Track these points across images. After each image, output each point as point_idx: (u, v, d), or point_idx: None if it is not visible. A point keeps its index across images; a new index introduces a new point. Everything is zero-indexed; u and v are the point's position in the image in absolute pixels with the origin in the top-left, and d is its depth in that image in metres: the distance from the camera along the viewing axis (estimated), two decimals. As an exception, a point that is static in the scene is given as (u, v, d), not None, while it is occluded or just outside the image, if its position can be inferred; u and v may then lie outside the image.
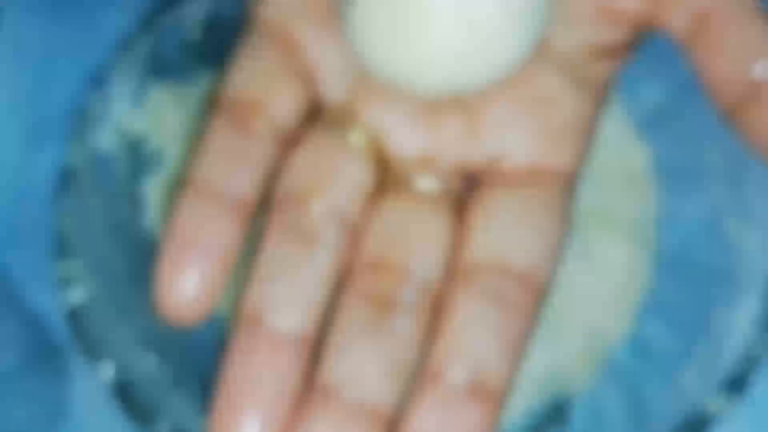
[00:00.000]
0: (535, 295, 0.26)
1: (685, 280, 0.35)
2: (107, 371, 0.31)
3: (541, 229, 0.26)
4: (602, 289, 0.36)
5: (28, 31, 0.48)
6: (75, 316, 0.31)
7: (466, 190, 0.28)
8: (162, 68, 0.37)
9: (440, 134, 0.28)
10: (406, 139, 0.28)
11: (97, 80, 0.41)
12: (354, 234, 0.27)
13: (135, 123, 0.37)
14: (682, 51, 0.27)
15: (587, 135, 0.28)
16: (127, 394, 0.31)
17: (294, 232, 0.26)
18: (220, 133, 0.27)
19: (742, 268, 0.33)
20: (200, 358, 0.36)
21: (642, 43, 0.29)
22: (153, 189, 0.37)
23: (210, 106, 0.28)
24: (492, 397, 0.24)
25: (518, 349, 0.25)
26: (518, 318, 0.25)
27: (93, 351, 0.31)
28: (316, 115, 0.28)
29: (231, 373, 0.25)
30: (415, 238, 0.26)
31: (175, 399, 0.32)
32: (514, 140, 0.27)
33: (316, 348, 0.25)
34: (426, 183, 0.27)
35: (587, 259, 0.35)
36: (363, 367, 0.25)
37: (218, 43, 0.39)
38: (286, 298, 0.25)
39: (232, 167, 0.26)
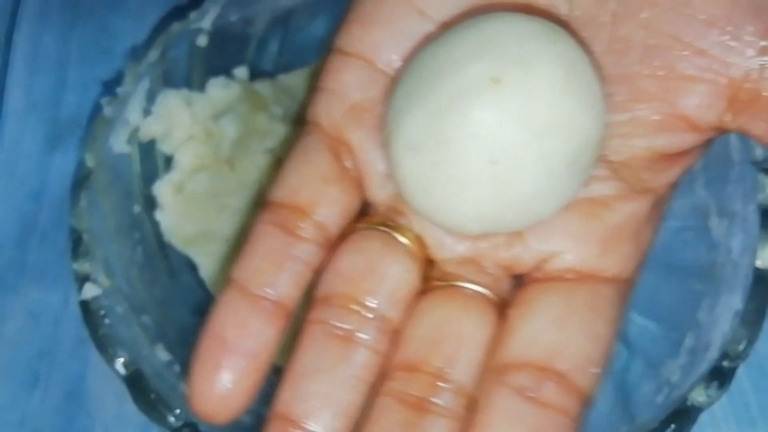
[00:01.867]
0: (577, 397, 0.25)
1: (671, 277, 0.36)
2: (120, 363, 0.31)
3: (586, 330, 0.25)
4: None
5: (44, 38, 0.49)
6: (90, 311, 0.32)
7: (513, 291, 0.27)
8: (172, 75, 0.38)
9: (486, 238, 0.27)
10: (451, 241, 0.27)
11: (111, 86, 0.41)
12: (394, 335, 0.26)
13: (147, 127, 0.37)
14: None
15: (643, 239, 0.27)
16: (139, 386, 0.31)
17: (333, 332, 0.26)
18: (267, 236, 0.27)
19: (725, 265, 0.33)
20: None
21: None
22: (164, 190, 0.38)
23: (259, 207, 0.28)
24: None
25: None
26: (557, 419, 0.24)
27: (107, 344, 0.31)
28: (364, 211, 0.28)
29: None
30: (454, 340, 0.26)
31: (184, 390, 0.30)
32: (562, 243, 0.26)
33: None
34: (470, 284, 0.27)
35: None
36: None
37: (225, 52, 0.40)
38: (321, 399, 0.25)
39: (275, 271, 0.26)
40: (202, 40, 0.39)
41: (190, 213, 0.38)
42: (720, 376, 0.30)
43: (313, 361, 0.26)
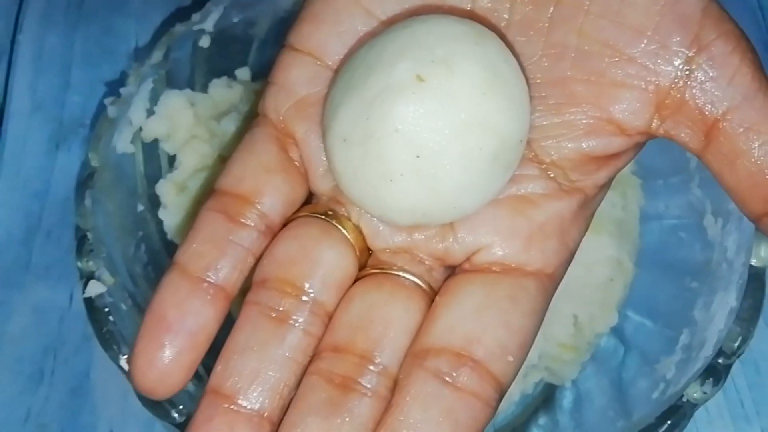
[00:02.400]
0: (491, 383, 0.25)
1: (667, 275, 0.36)
2: (124, 360, 0.31)
3: (503, 321, 0.26)
4: (590, 282, 0.37)
5: (49, 39, 0.49)
6: (94, 308, 0.32)
7: (445, 281, 0.28)
8: (175, 75, 0.38)
9: (420, 230, 0.28)
10: (388, 232, 0.28)
11: (115, 86, 0.42)
12: (327, 319, 0.27)
13: (150, 127, 0.37)
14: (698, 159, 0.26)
15: (569, 237, 0.28)
16: None
17: (268, 313, 0.26)
18: (211, 222, 0.27)
19: (720, 263, 0.33)
20: (210, 350, 0.37)
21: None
22: (168, 189, 0.37)
23: (207, 194, 0.28)
24: None
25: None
26: (472, 403, 0.25)
27: (111, 341, 0.31)
28: (309, 201, 0.29)
29: None
30: (381, 324, 0.26)
31: (188, 386, 0.30)
32: (491, 237, 0.27)
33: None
34: (402, 272, 0.27)
35: (577, 255, 0.36)
36: None
37: (227, 53, 0.40)
38: (251, 376, 0.25)
39: (217, 255, 0.27)
40: (205, 42, 0.39)
41: (193, 211, 0.38)
42: (715, 373, 0.30)
43: (247, 339, 0.26)
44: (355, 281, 0.28)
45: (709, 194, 0.35)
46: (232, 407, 0.25)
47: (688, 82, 0.25)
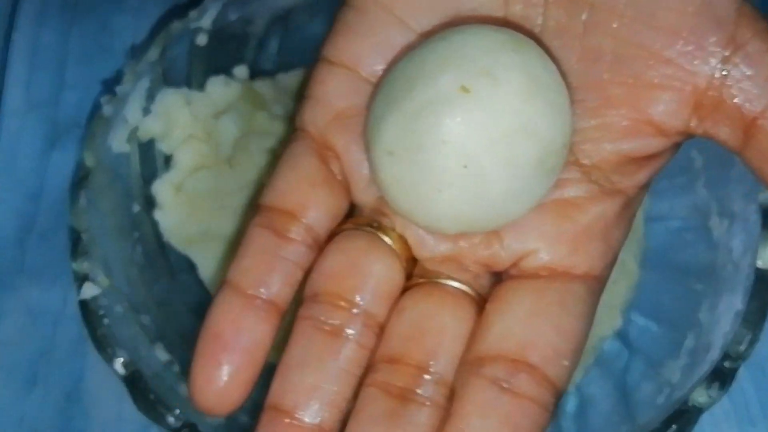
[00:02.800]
0: (548, 388, 0.26)
1: (672, 277, 0.36)
2: (119, 363, 0.31)
3: (555, 325, 0.27)
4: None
5: (44, 37, 0.48)
6: (89, 311, 0.32)
7: (492, 287, 0.28)
8: (172, 73, 0.38)
9: (466, 238, 0.28)
10: (433, 241, 0.29)
11: (111, 84, 0.41)
12: (379, 330, 0.28)
13: (146, 126, 0.37)
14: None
15: (613, 238, 0.28)
16: (138, 386, 0.31)
17: (321, 327, 0.27)
18: (259, 238, 0.28)
19: (726, 265, 0.33)
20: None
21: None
22: (164, 189, 0.38)
23: (251, 211, 0.29)
24: None
25: None
26: (530, 408, 0.25)
27: (106, 344, 0.31)
28: (351, 213, 0.30)
29: None
30: (434, 333, 0.27)
31: (183, 390, 0.32)
32: (536, 242, 0.28)
33: None
34: (449, 280, 0.28)
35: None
36: None
37: (225, 51, 0.40)
38: (309, 391, 0.26)
39: (267, 271, 0.27)
40: (202, 39, 0.39)
41: (189, 212, 0.38)
42: (721, 376, 0.30)
43: (302, 354, 0.27)
44: (403, 291, 0.28)
45: (714, 195, 0.35)
46: (292, 422, 0.26)
47: (726, 81, 0.26)
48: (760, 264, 0.31)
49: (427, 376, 0.27)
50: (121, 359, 0.31)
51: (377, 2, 0.29)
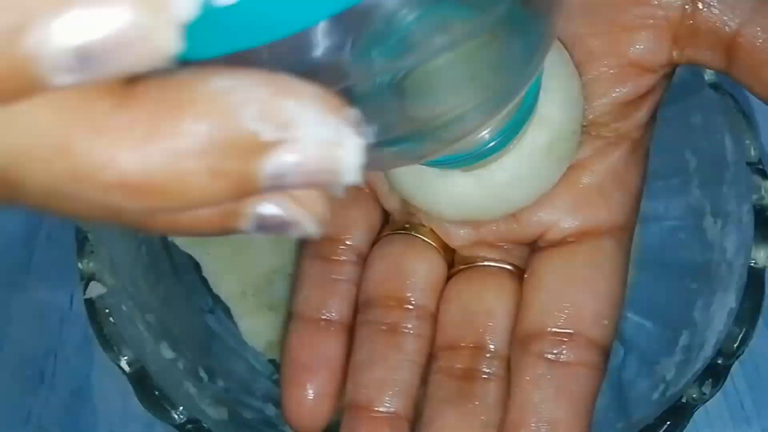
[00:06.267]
0: (594, 349, 0.27)
1: (666, 276, 0.36)
2: (125, 361, 0.31)
3: (590, 289, 0.28)
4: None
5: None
6: (95, 310, 0.32)
7: (529, 257, 0.29)
8: None
9: (485, 224, 0.29)
10: (457, 230, 0.30)
11: None
12: (433, 319, 0.29)
13: None
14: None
15: (629, 184, 0.29)
16: (143, 383, 0.31)
17: (379, 328, 0.29)
18: (310, 269, 0.30)
19: (719, 264, 0.33)
20: (211, 349, 0.38)
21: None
22: None
23: (300, 247, 0.32)
24: None
25: (586, 401, 0.27)
26: (581, 373, 0.27)
27: (112, 342, 0.31)
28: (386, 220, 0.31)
29: None
30: (483, 314, 0.29)
31: (187, 387, 0.33)
32: (554, 214, 0.29)
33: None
34: (486, 261, 0.29)
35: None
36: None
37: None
38: (379, 384, 0.28)
39: (326, 295, 0.30)
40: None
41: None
42: (715, 373, 0.30)
43: (368, 354, 0.29)
44: (449, 277, 0.30)
45: (708, 196, 0.35)
46: (371, 414, 0.28)
47: (698, 8, 0.26)
48: (753, 263, 0.31)
49: (486, 354, 0.28)
50: (127, 357, 0.31)
51: None
